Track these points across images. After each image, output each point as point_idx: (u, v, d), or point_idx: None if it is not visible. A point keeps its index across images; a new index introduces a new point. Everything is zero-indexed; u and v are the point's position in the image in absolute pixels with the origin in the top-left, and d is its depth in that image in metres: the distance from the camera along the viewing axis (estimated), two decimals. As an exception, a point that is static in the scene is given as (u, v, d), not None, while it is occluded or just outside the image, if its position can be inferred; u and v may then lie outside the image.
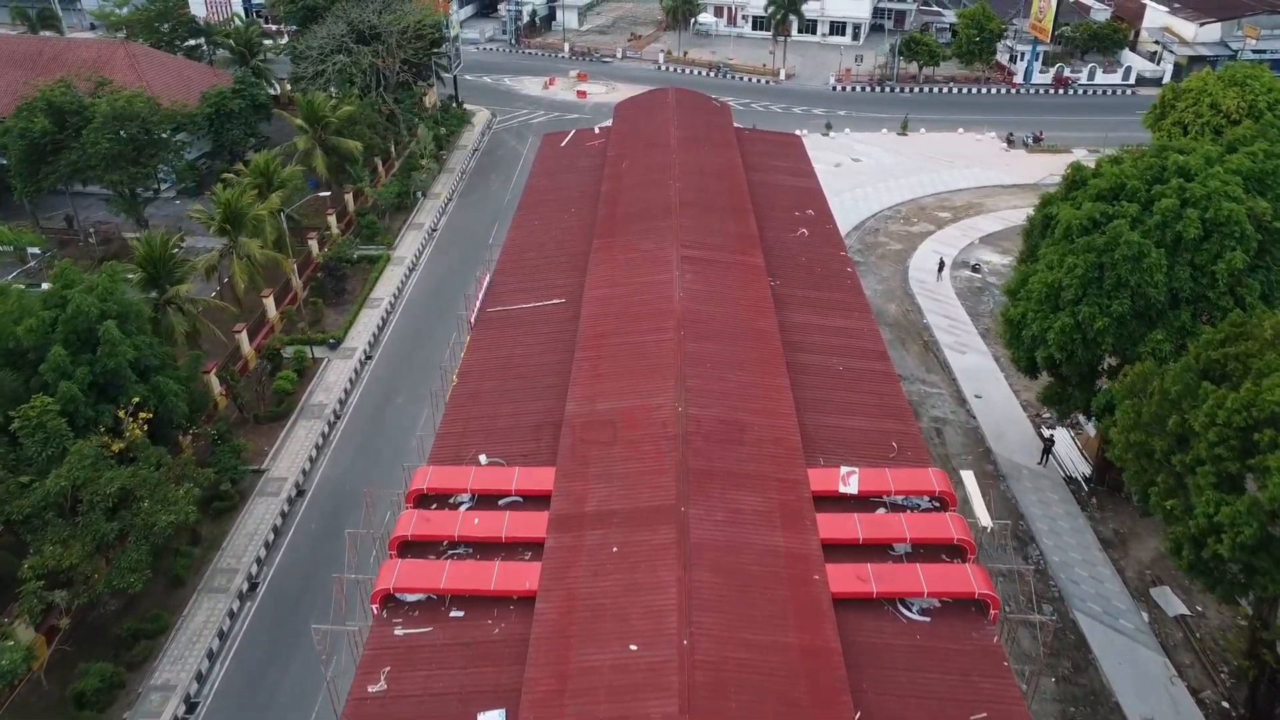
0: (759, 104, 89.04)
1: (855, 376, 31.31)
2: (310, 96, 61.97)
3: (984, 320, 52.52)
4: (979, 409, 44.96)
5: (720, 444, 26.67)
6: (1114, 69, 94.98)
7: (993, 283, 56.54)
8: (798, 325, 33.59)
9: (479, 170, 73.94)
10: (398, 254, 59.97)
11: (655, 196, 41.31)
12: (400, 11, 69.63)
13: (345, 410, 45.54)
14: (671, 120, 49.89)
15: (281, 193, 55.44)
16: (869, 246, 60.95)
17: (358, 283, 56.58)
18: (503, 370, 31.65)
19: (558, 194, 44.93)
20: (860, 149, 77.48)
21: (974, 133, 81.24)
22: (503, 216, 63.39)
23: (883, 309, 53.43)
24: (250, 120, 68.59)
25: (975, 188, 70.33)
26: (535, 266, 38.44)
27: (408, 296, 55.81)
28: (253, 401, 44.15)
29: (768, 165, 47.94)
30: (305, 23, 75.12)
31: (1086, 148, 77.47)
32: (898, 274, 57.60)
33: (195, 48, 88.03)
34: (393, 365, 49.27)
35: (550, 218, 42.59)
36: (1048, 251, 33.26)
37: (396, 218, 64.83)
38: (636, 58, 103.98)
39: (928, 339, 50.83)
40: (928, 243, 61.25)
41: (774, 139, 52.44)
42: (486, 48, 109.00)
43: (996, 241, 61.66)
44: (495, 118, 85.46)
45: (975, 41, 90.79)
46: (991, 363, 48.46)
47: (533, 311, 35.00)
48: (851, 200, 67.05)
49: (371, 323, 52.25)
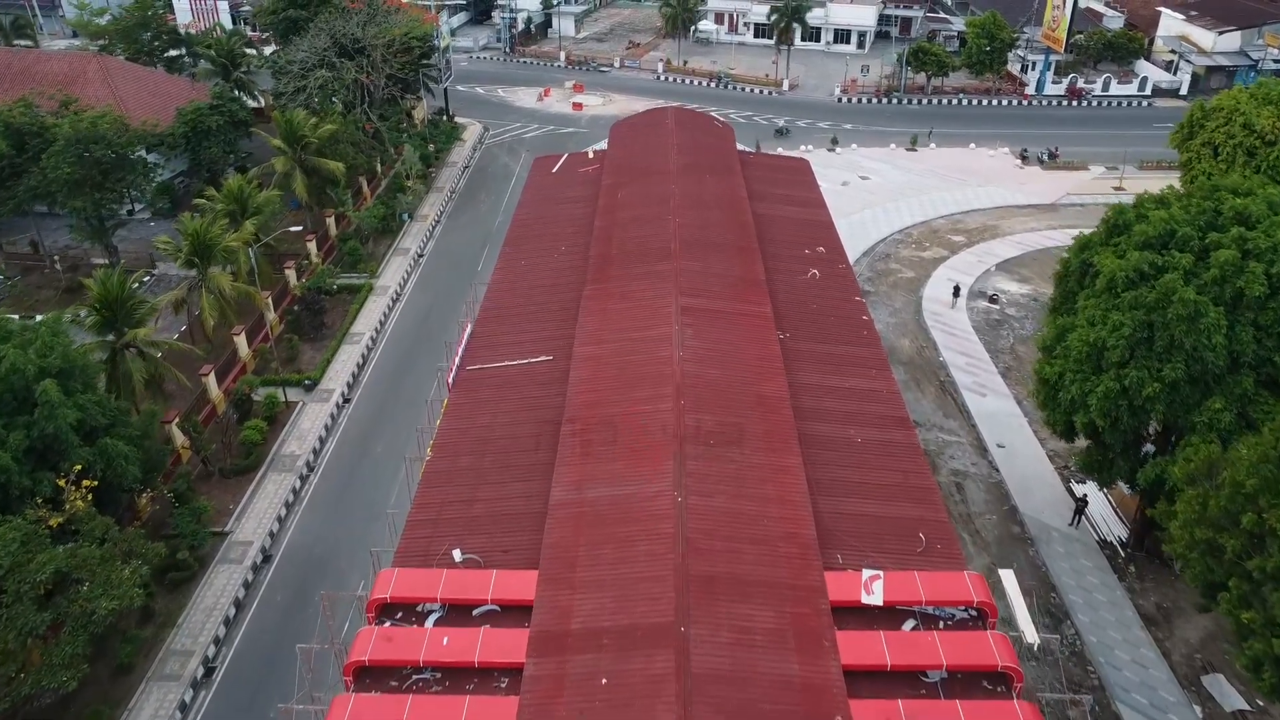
0: (762, 116, 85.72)
1: (874, 450, 28.00)
2: (289, 115, 58.64)
3: (1004, 357, 49.21)
4: (1002, 460, 41.66)
5: (725, 542, 23.38)
6: (1129, 79, 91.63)
7: (1012, 315, 53.25)
8: (810, 388, 30.29)
9: (469, 189, 70.61)
10: (381, 282, 56.65)
11: (653, 234, 38.05)
12: (385, 24, 66.26)
13: (319, 462, 42.22)
14: (670, 144, 46.65)
15: (256, 220, 52.20)
16: (879, 274, 57.63)
17: (338, 315, 53.26)
18: (481, 444, 28.32)
19: (547, 228, 41.64)
20: (868, 166, 74.17)
21: (986, 148, 77.90)
22: (493, 240, 60.10)
23: (896, 345, 50.13)
24: (229, 138, 65.39)
25: (990, 208, 66.99)
26: (521, 314, 35.14)
27: (391, 330, 52.47)
28: (218, 454, 40.85)
29: (774, 194, 44.65)
30: (288, 35, 71.81)
31: (1104, 164, 74.32)
32: (910, 305, 54.29)
33: (176, 58, 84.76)
34: (373, 408, 45.96)
35: (538, 256, 39.29)
36: (1088, 305, 29.94)
37: (381, 242, 61.52)
38: (635, 67, 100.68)
39: (944, 379, 47.52)
40: (941, 270, 57.92)
41: (780, 163, 49.15)
42: (480, 56, 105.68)
43: (1014, 268, 58.35)
44: (487, 132, 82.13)
45: (985, 51, 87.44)
46: (1013, 406, 45.15)
47: (517, 371, 31.69)
48: (860, 223, 63.75)
49: (351, 361, 48.94)
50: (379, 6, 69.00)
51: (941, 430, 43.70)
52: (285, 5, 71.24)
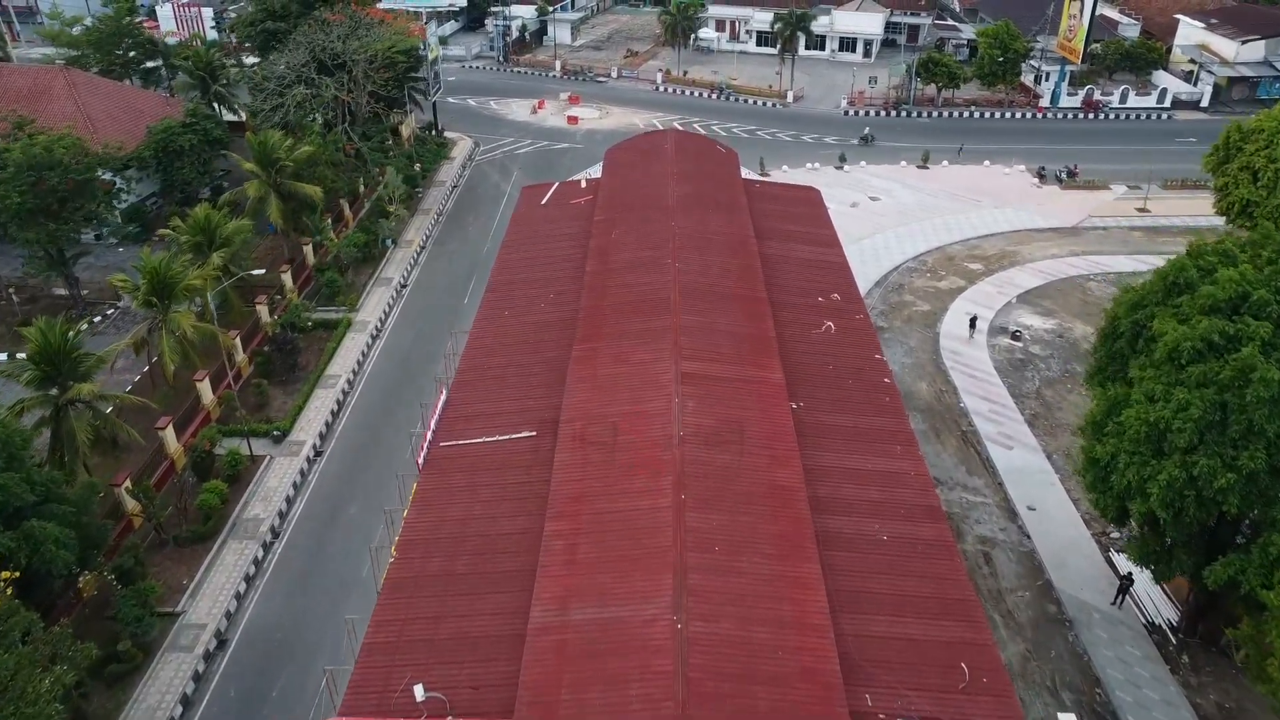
0: (765, 131, 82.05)
1: (903, 550, 24.36)
2: (263, 136, 54.94)
3: (1030, 403, 45.52)
4: (1033, 524, 37.99)
5: (734, 683, 19.73)
6: (1147, 91, 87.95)
7: (1036, 354, 49.56)
8: (827, 472, 26.64)
9: (457, 211, 66.89)
10: (361, 317, 52.93)
11: (650, 282, 34.39)
12: (367, 39, 62.52)
13: (285, 527, 38.51)
14: (669, 173, 43.01)
15: (224, 252, 48.52)
16: (893, 308, 53.93)
17: (313, 354, 49.56)
18: (453, 544, 24.66)
19: (534, 270, 37.96)
20: (878, 185, 70.48)
21: (1001, 165, 74.22)
22: (480, 269, 56.48)
23: (912, 389, 46.46)
24: (203, 157, 61.79)
25: (1008, 232, 63.32)
26: (502, 377, 31.46)
27: (369, 372, 48.74)
28: (172, 520, 37.17)
29: (783, 230, 41.00)
30: (266, 48, 68.09)
31: (1126, 183, 70.64)
32: (927, 342, 50.59)
33: (154, 70, 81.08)
34: (347, 463, 42.26)
35: (524, 304, 35.62)
36: (1146, 377, 26.27)
37: (363, 270, 57.80)
38: (633, 77, 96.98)
39: (966, 429, 43.84)
40: (959, 302, 54.23)
41: (788, 195, 45.46)
42: (473, 65, 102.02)
43: (1037, 300, 54.65)
44: (478, 148, 78.40)
45: (998, 62, 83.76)
46: (1042, 461, 41.47)
47: (495, 448, 28.01)
48: (872, 249, 60.07)
49: (325, 407, 45.24)
50: (361, 19, 65.27)
51: (965, 489, 40.02)
52: (263, 16, 67.56)
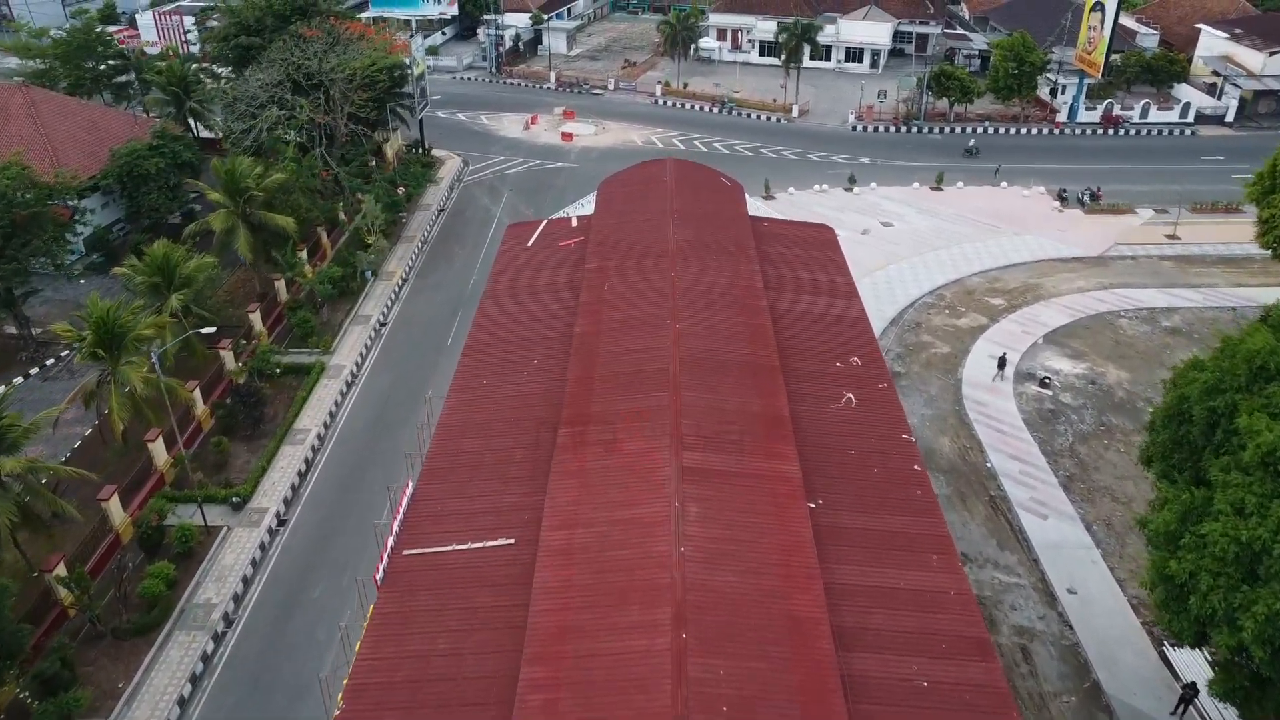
0: (770, 148, 78.10)
1: (946, 700, 20.41)
2: (231, 163, 50.96)
3: (1064, 462, 41.57)
4: (1075, 610, 34.04)
5: None
6: (1169, 105, 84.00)
7: (1068, 403, 45.60)
8: (854, 592, 22.72)
9: (443, 238, 62.89)
10: (335, 360, 48.94)
11: (646, 347, 30.45)
12: (345, 57, 58.48)
13: (240, 613, 34.52)
14: (669, 211, 39.10)
15: (184, 294, 44.60)
16: (910, 350, 49.96)
17: (282, 403, 45.61)
18: (410, 692, 20.69)
19: (517, 329, 34.01)
20: (890, 209, 66.52)
21: (1019, 187, 70.26)
22: (466, 304, 52.63)
23: (933, 445, 42.54)
24: (172, 182, 57.86)
25: (1030, 262, 59.36)
26: (477, 465, 27.50)
27: (342, 425, 44.75)
28: (112, 607, 33.20)
29: (795, 279, 37.05)
30: (241, 65, 64.10)
31: (1152, 206, 66.69)
32: (948, 391, 46.63)
33: (126, 85, 77.14)
34: (313, 535, 38.29)
35: (504, 372, 31.65)
36: (1232, 483, 22.29)
37: (340, 306, 53.81)
38: (630, 89, 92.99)
39: (995, 493, 39.90)
40: (981, 343, 50.27)
41: (800, 234, 41.49)
42: (464, 77, 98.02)
43: (1065, 341, 50.69)
44: (466, 167, 74.43)
45: (1013, 75, 79.82)
46: (1081, 533, 37.52)
47: (467, 559, 24.06)
48: (886, 283, 56.12)
49: (291, 467, 41.28)
50: (340, 34, 61.27)
51: (997, 568, 36.07)
52: (236, 31, 63.54)
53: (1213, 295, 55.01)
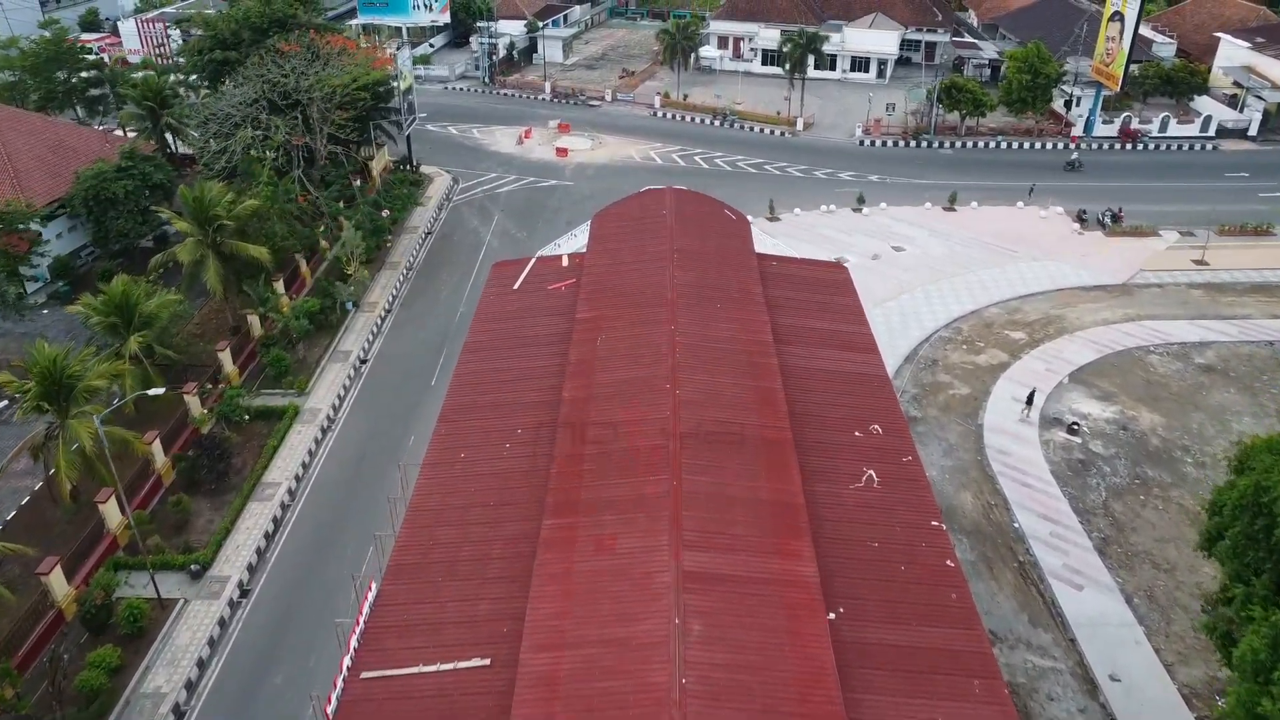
0: (774, 165, 74.79)
1: None
2: (199, 189, 47.63)
3: (1098, 521, 38.27)
4: (1119, 701, 30.72)
5: None
6: (1189, 118, 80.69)
7: (1098, 452, 42.29)
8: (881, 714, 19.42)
9: (429, 265, 59.52)
10: (310, 403, 45.60)
11: (643, 419, 27.17)
12: (322, 75, 55.06)
13: (194, 702, 31.11)
14: (668, 250, 35.81)
15: (144, 336, 41.33)
16: (926, 391, 46.64)
17: (251, 452, 42.30)
18: None
19: (499, 391, 30.67)
20: (901, 231, 63.21)
21: (1036, 206, 66.95)
22: (453, 339, 49.47)
23: (955, 502, 39.26)
24: (141, 205, 54.58)
25: (1050, 291, 56.02)
26: (451, 563, 24.17)
27: (315, 478, 41.37)
28: (43, 705, 29.84)
29: (808, 330, 33.73)
30: (217, 81, 60.79)
31: (1177, 228, 63.43)
32: (969, 439, 43.32)
33: (100, 98, 73.88)
34: (278, 607, 34.92)
35: (484, 445, 28.31)
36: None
37: (318, 340, 50.45)
38: (628, 101, 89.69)
39: (1024, 559, 36.58)
40: (1003, 384, 46.94)
41: (811, 276, 38.15)
42: (456, 87, 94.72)
43: (1092, 380, 47.38)
44: (456, 185, 71.10)
45: (1027, 88, 76.52)
46: (1121, 606, 34.20)
47: (437, 684, 20.74)
48: (899, 314, 52.80)
49: (258, 527, 37.96)
50: (320, 49, 57.90)
51: (1030, 648, 32.73)
52: (212, 45, 60.23)
53: (1248, 328, 51.71)
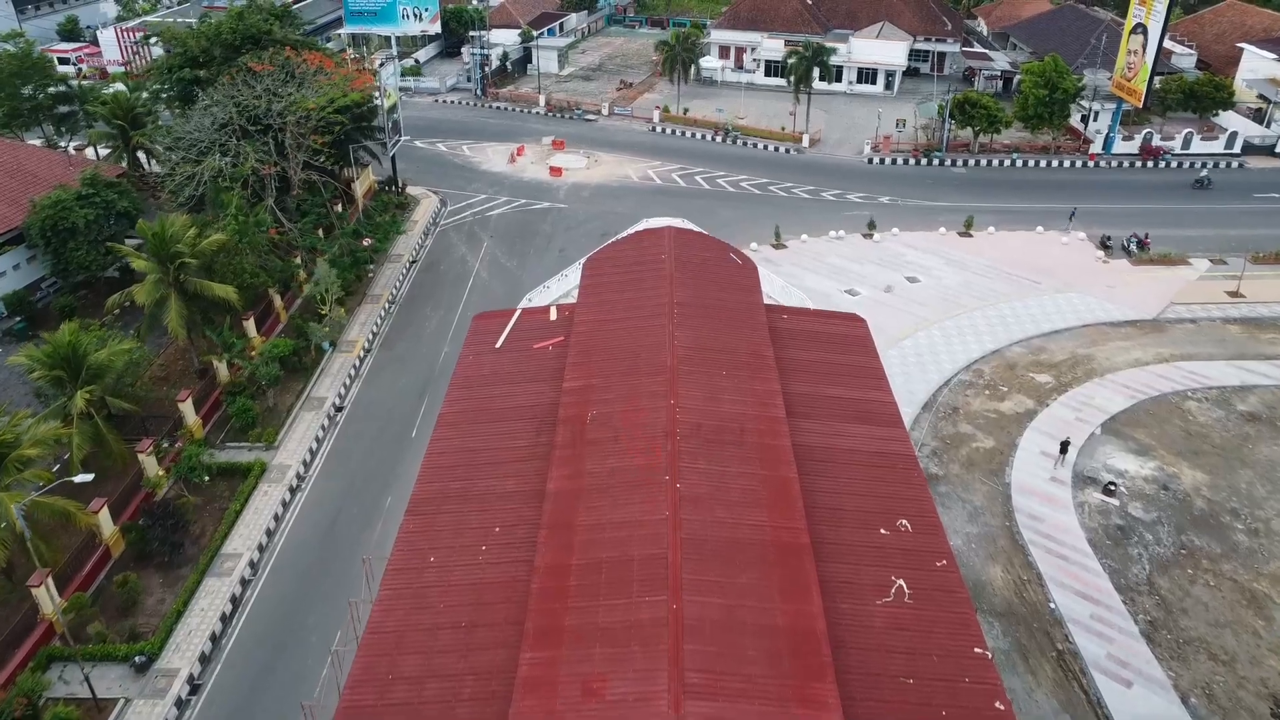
0: (779, 185, 71.18)
1: None
2: (160, 225, 44.00)
3: (1143, 601, 34.61)
4: (1177, 825, 27.13)
5: None
6: (1214, 134, 77.04)
7: (1139, 516, 38.63)
8: None
9: (413, 298, 55.81)
10: (279, 458, 41.95)
11: (638, 521, 23.60)
12: (297, 96, 51.34)
13: (129, 829, 27.62)
14: (668, 304, 32.23)
15: (92, 390, 37.67)
16: (947, 444, 43.00)
17: (211, 518, 38.65)
18: None
19: (474, 479, 26.94)
20: (915, 260, 59.58)
21: (1056, 231, 63.34)
22: (436, 383, 46.01)
23: (982, 577, 35.63)
24: (104, 235, 50.96)
25: (1076, 327, 52.38)
26: (415, 709, 20.50)
27: (281, 548, 37.68)
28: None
29: (824, 399, 30.08)
30: (188, 101, 57.14)
31: (1208, 255, 59.85)
32: (996, 500, 39.69)
33: (69, 115, 70.24)
34: (233, 704, 31.31)
35: (456, 548, 24.63)
36: None
37: (291, 385, 46.79)
38: (626, 115, 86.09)
39: (1063, 647, 32.91)
40: (1030, 435, 43.31)
41: (825, 331, 34.44)
42: (447, 100, 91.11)
43: (1127, 431, 43.74)
44: (444, 208, 67.48)
45: (1044, 103, 72.90)
46: (1178, 708, 30.51)
47: None
48: (915, 354, 49.17)
49: (214, 608, 34.31)
50: (295, 68, 54.17)
51: (1076, 760, 29.15)
52: (182, 63, 56.57)
53: (1292, 371, 48.20)
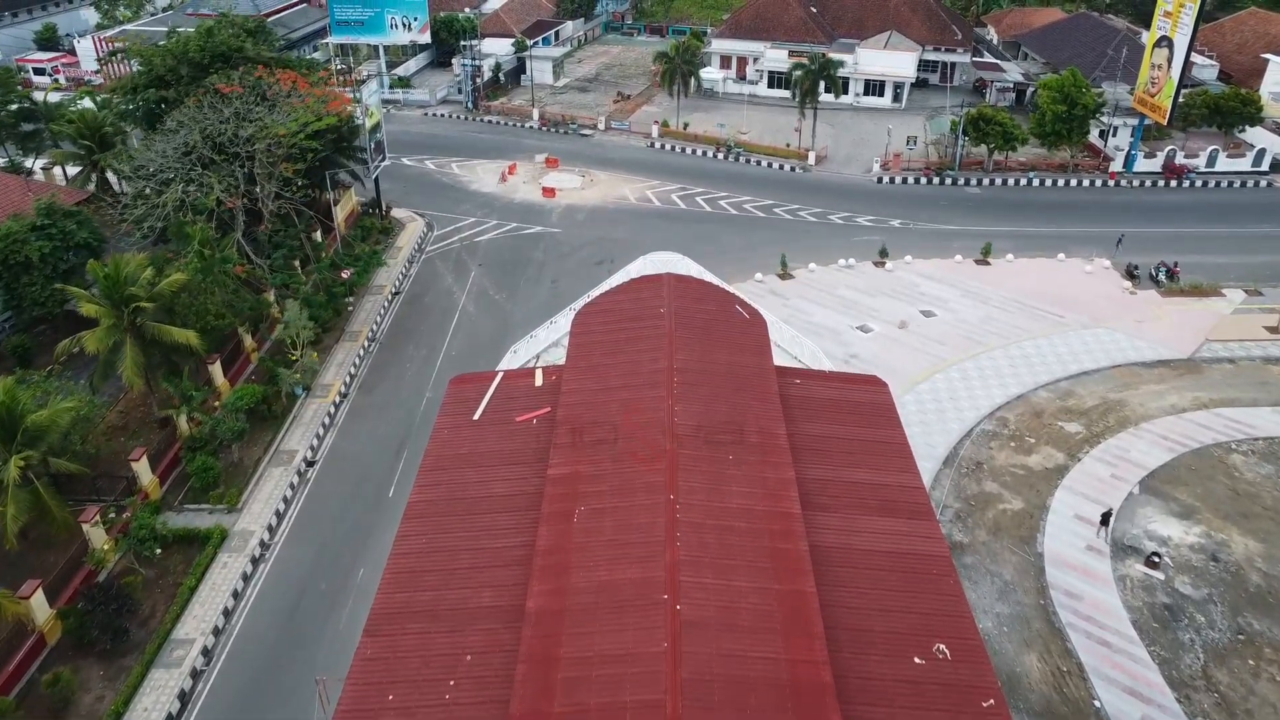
0: (785, 206, 67.60)
1: None
2: (113, 265, 40.40)
3: (1199, 700, 30.96)
4: None
5: None
6: (1241, 151, 73.45)
7: (1187, 593, 34.99)
8: None
9: (394, 335, 52.10)
10: (242, 523, 38.31)
11: (632, 655, 19.94)
12: (267, 121, 47.64)
13: None
14: (666, 373, 28.61)
15: (28, 456, 34.02)
16: (972, 506, 39.36)
17: (163, 595, 35.02)
18: None
19: (444, 588, 23.25)
20: (930, 291, 55.96)
21: (1079, 259, 59.72)
22: (417, 434, 42.55)
23: (1015, 667, 32.01)
24: (61, 269, 47.41)
25: (1106, 368, 48.76)
26: None
27: (239, 631, 34.01)
28: None
29: (844, 485, 26.42)
30: (152, 123, 53.51)
31: (1241, 285, 56.30)
32: (1028, 574, 36.05)
33: (34, 134, 66.60)
34: (174, 825, 27.77)
35: (420, 682, 20.96)
36: None
37: (258, 436, 43.19)
38: (623, 129, 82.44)
39: (1112, 755, 29.36)
40: (1062, 495, 39.68)
41: (842, 399, 30.76)
42: (436, 113, 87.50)
43: (1167, 489, 40.10)
44: (431, 232, 63.88)
45: (1063, 119, 69.27)
46: (1242, 831, 26.98)
47: None
48: (933, 400, 45.54)
49: (160, 707, 30.65)
50: (266, 90, 50.50)
51: None
52: (147, 82, 52.92)
53: (1343, 419, 44.58)
